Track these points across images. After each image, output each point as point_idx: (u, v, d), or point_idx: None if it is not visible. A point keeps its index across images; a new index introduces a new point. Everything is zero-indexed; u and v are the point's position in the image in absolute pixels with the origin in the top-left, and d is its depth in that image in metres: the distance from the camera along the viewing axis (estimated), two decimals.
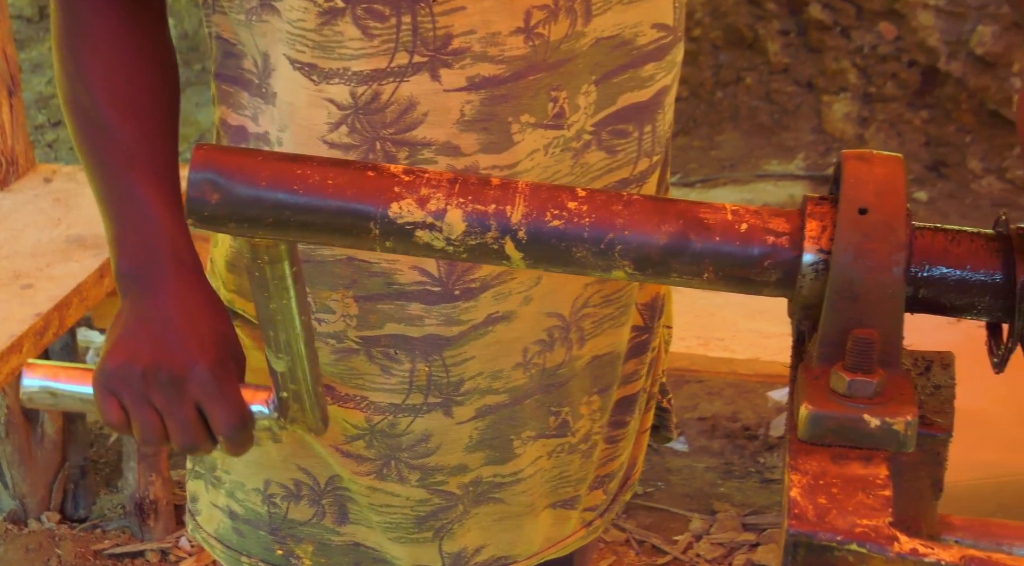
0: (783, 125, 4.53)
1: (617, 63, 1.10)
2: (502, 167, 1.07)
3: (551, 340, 1.16)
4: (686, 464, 3.29)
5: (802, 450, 0.76)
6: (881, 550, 0.69)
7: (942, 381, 0.84)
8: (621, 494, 1.32)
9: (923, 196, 4.40)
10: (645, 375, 1.28)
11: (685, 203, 0.83)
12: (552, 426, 1.20)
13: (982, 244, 0.82)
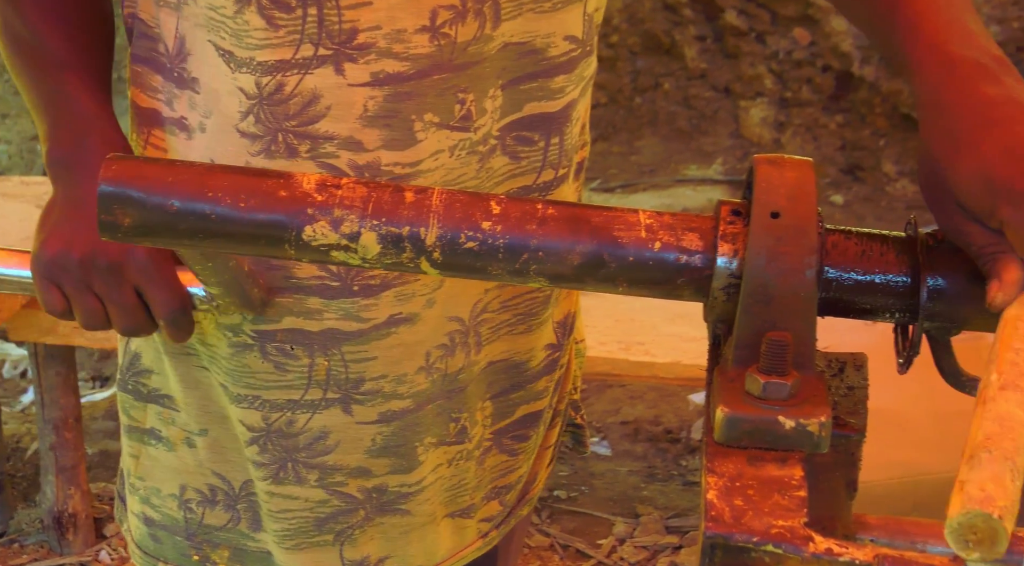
0: (701, 130, 4.56)
1: (526, 71, 1.10)
2: (404, 164, 1.07)
3: (453, 345, 1.16)
4: (609, 468, 3.30)
5: (719, 452, 0.77)
6: (796, 550, 0.70)
7: (855, 382, 0.85)
8: (519, 508, 1.32)
9: (839, 199, 4.45)
10: (552, 392, 1.29)
11: (601, 217, 0.83)
12: (452, 433, 1.20)
13: (891, 247, 0.83)
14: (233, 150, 1.07)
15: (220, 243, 0.84)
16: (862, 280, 0.83)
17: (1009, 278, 0.81)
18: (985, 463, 0.67)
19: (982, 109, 0.85)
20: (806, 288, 0.79)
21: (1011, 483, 0.67)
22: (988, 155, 0.83)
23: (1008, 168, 0.82)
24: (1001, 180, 0.82)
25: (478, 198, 0.85)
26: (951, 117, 0.86)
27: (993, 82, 0.87)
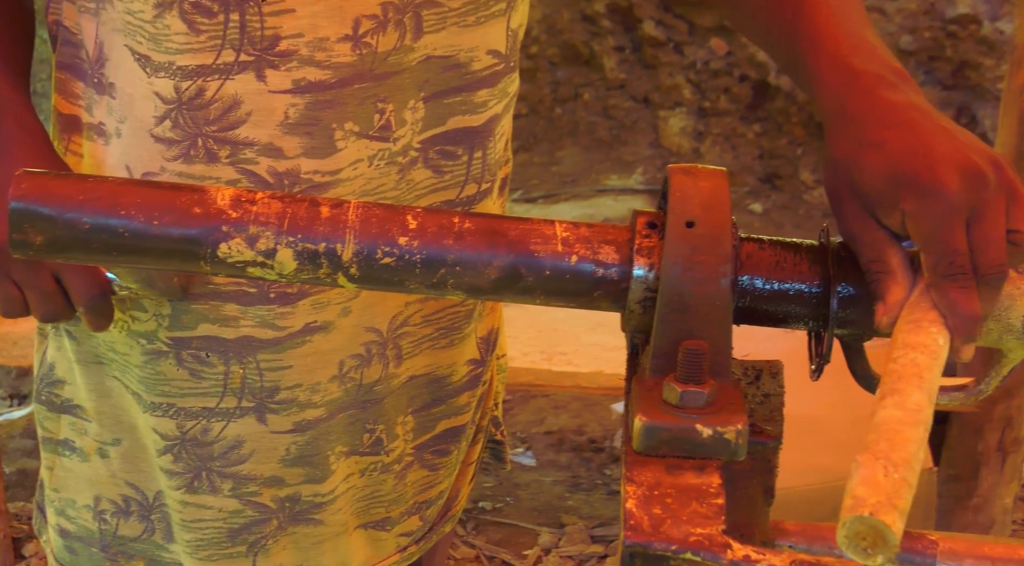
0: (621, 140, 4.59)
1: (449, 84, 1.10)
2: (324, 173, 1.07)
3: (368, 355, 1.16)
4: (534, 478, 3.31)
5: (637, 461, 0.77)
6: (714, 558, 0.70)
7: (771, 389, 0.86)
8: (440, 524, 1.32)
9: (758, 208, 4.49)
10: (474, 408, 1.29)
11: (518, 231, 0.84)
12: (366, 443, 1.20)
13: (803, 257, 0.84)
14: (148, 155, 1.07)
15: (134, 259, 0.83)
16: (776, 289, 0.84)
17: (892, 300, 0.83)
18: (855, 470, 0.69)
19: (885, 113, 0.88)
20: (721, 297, 0.79)
21: (885, 478, 0.67)
22: (893, 152, 0.85)
23: (913, 163, 0.84)
24: (906, 176, 0.84)
25: (395, 212, 0.85)
26: (856, 123, 0.88)
27: (895, 90, 0.89)
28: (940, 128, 0.87)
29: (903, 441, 0.70)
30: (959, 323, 0.82)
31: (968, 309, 0.82)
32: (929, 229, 0.83)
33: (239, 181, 1.06)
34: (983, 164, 0.84)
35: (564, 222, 0.85)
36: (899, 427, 0.71)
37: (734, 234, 0.81)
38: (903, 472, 0.68)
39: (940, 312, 0.81)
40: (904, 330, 0.79)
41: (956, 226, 0.83)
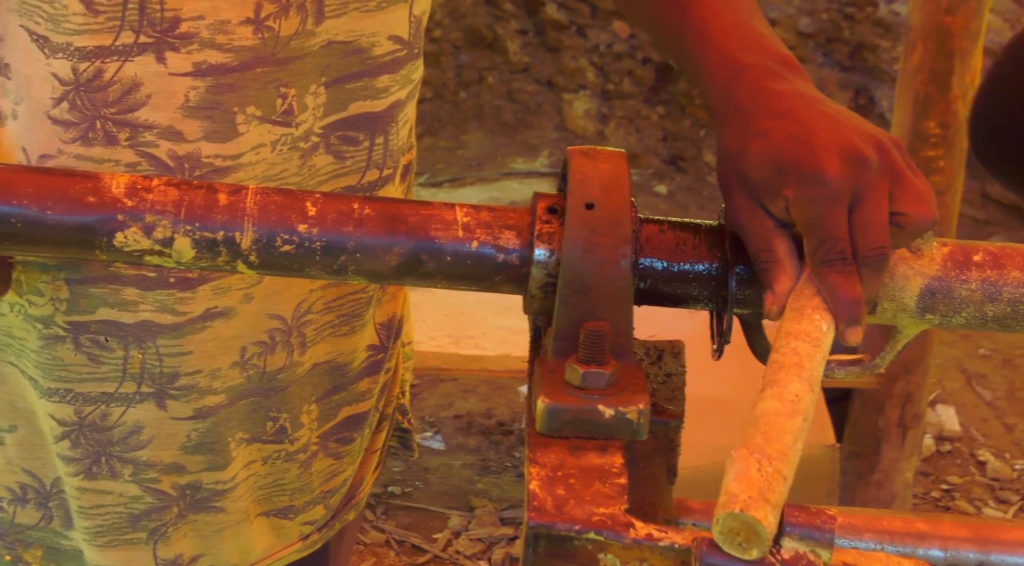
0: (526, 124, 4.59)
1: (351, 70, 1.10)
2: (225, 157, 1.06)
3: (272, 343, 1.15)
4: (443, 462, 3.31)
5: (540, 443, 0.77)
6: (617, 537, 0.71)
7: (673, 369, 0.86)
8: (344, 512, 1.32)
9: (663, 189, 4.51)
10: (377, 395, 1.28)
11: (418, 217, 0.83)
12: (269, 431, 1.20)
13: (703, 237, 0.85)
14: (45, 137, 1.05)
15: (28, 249, 0.82)
16: (675, 270, 0.84)
17: (780, 289, 0.84)
18: (728, 466, 0.70)
19: (770, 103, 0.88)
20: (622, 278, 0.80)
21: (758, 472, 0.68)
22: (777, 141, 0.86)
23: (795, 151, 0.85)
24: (788, 163, 0.85)
25: (294, 198, 0.84)
26: (742, 115, 0.89)
27: (781, 80, 0.90)
28: (824, 114, 0.87)
29: (779, 433, 0.71)
30: (840, 308, 0.83)
31: (848, 293, 0.83)
32: (809, 214, 0.84)
33: (139, 164, 1.05)
34: (865, 148, 0.85)
35: (465, 206, 0.85)
36: (776, 419, 0.72)
37: (634, 215, 0.82)
38: (777, 465, 0.69)
39: (823, 298, 0.82)
40: (788, 318, 0.80)
41: (836, 211, 0.84)
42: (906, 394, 3.01)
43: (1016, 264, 0.84)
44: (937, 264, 0.85)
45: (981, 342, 3.95)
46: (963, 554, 0.90)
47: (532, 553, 0.72)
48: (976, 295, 0.84)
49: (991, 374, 3.82)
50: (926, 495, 3.33)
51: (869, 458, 3.07)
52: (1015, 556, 0.89)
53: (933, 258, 0.85)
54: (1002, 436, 3.58)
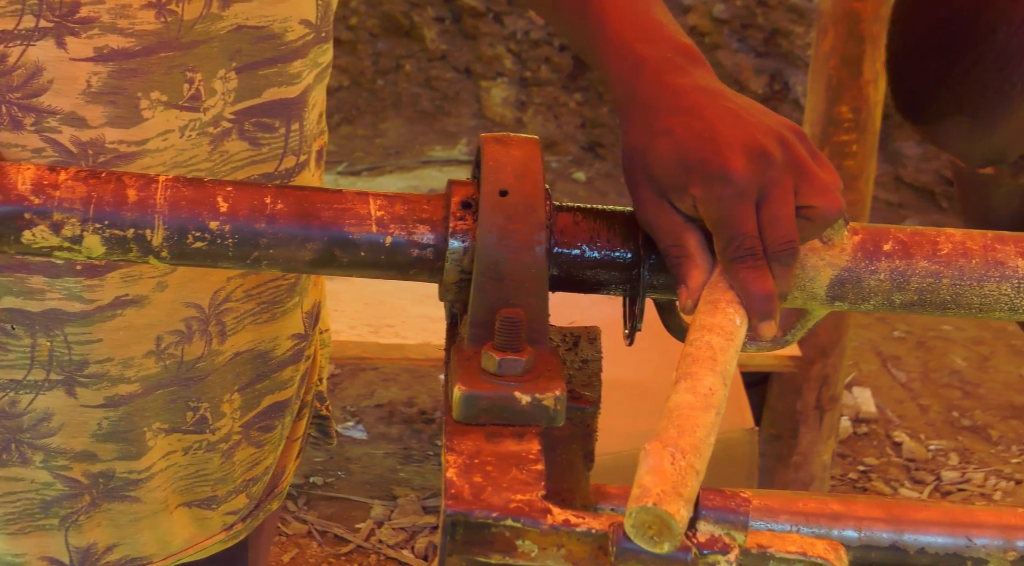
0: (444, 111, 4.59)
1: (264, 55, 1.09)
2: (130, 143, 1.05)
3: (189, 332, 1.14)
4: (365, 452, 3.30)
5: (457, 431, 0.77)
6: (535, 523, 0.71)
7: (589, 355, 0.87)
8: (267, 501, 1.31)
9: (582, 176, 4.53)
10: (299, 382, 1.28)
11: (331, 212, 0.83)
12: (189, 421, 1.19)
13: (616, 223, 0.85)
14: None
15: None
16: (589, 256, 0.85)
17: (694, 283, 0.84)
18: (642, 460, 0.70)
19: (672, 99, 0.88)
20: (537, 265, 0.80)
21: (671, 466, 0.69)
22: (681, 139, 0.86)
23: (700, 149, 0.85)
24: (694, 161, 0.85)
25: (205, 192, 0.83)
26: (645, 111, 0.89)
27: (682, 74, 0.90)
28: (727, 110, 0.88)
29: (692, 427, 0.72)
30: (753, 303, 0.83)
31: (760, 288, 0.83)
32: (717, 212, 0.84)
33: (44, 150, 1.04)
34: (769, 143, 0.86)
35: (380, 198, 0.84)
36: (690, 412, 0.73)
37: (548, 202, 0.82)
38: (690, 459, 0.70)
39: (736, 292, 0.82)
40: (702, 311, 0.81)
41: (743, 208, 0.84)
42: (823, 377, 3.04)
43: (924, 254, 0.85)
44: (847, 254, 0.85)
45: (896, 325, 4.01)
46: (877, 534, 0.91)
47: (450, 541, 0.72)
48: (884, 285, 0.85)
49: (906, 356, 3.87)
50: (844, 476, 3.37)
51: (787, 441, 3.10)
52: (927, 535, 0.90)
53: (844, 248, 0.85)
54: (917, 417, 3.63)
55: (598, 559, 0.71)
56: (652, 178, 0.86)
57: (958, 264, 0.84)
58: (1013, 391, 3.76)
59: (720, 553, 0.69)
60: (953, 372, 3.82)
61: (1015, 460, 3.49)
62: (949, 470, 3.42)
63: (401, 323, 2.95)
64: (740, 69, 4.25)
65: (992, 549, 0.90)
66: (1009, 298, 0.84)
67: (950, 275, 0.84)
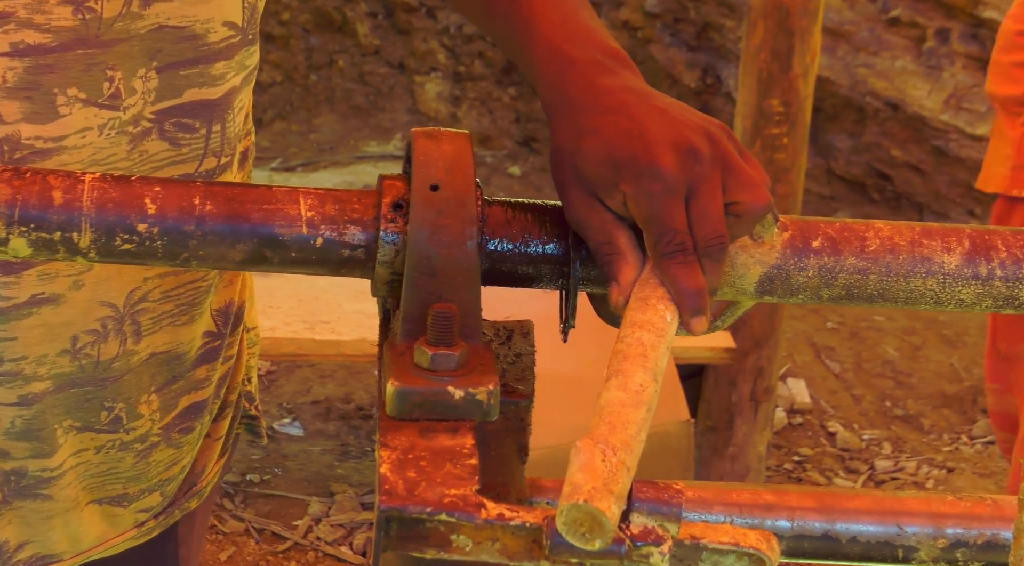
0: (379, 107, 4.58)
1: (186, 56, 1.08)
2: (46, 139, 1.04)
3: (105, 331, 1.13)
4: (302, 449, 3.29)
5: (391, 426, 0.77)
6: (469, 518, 0.71)
7: (522, 349, 0.87)
8: (184, 499, 1.30)
9: (516, 171, 4.53)
10: (216, 382, 1.27)
11: (260, 213, 0.83)
12: (103, 421, 1.18)
13: (548, 217, 0.85)
14: None
15: None
16: (521, 250, 0.85)
17: (624, 280, 0.85)
18: (573, 457, 0.70)
19: (600, 99, 0.89)
20: (468, 259, 0.80)
21: (601, 463, 0.69)
22: (610, 137, 0.86)
23: (629, 146, 0.85)
24: (623, 158, 0.85)
25: (132, 194, 0.83)
26: (574, 112, 0.89)
27: (610, 75, 0.90)
28: (654, 108, 0.88)
29: (623, 424, 0.72)
30: (684, 299, 0.84)
31: (691, 284, 0.84)
32: (647, 209, 0.85)
33: None
34: (697, 140, 0.86)
35: (310, 196, 0.84)
36: (621, 409, 0.73)
37: (479, 196, 0.82)
38: (621, 456, 0.70)
39: (667, 289, 0.83)
40: (633, 307, 0.81)
41: (673, 204, 0.85)
42: (757, 369, 3.07)
43: (852, 250, 0.85)
44: (776, 252, 0.86)
45: (829, 316, 4.04)
46: (809, 524, 0.91)
47: (384, 536, 0.72)
48: (813, 281, 0.86)
49: (839, 347, 3.91)
50: (779, 467, 3.40)
51: (723, 432, 3.13)
52: (858, 524, 0.91)
53: (773, 245, 0.86)
54: (850, 407, 3.67)
55: (532, 553, 0.71)
56: (581, 177, 0.87)
57: (885, 260, 0.85)
58: (944, 380, 3.81)
59: (653, 545, 0.69)
60: (885, 362, 3.87)
61: (947, 448, 3.53)
62: (882, 459, 3.46)
63: (337, 319, 2.94)
64: (673, 63, 4.27)
65: (922, 537, 0.91)
66: (934, 292, 0.85)
67: (877, 271, 0.85)
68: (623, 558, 0.69)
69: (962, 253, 0.84)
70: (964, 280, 0.84)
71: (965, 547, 0.91)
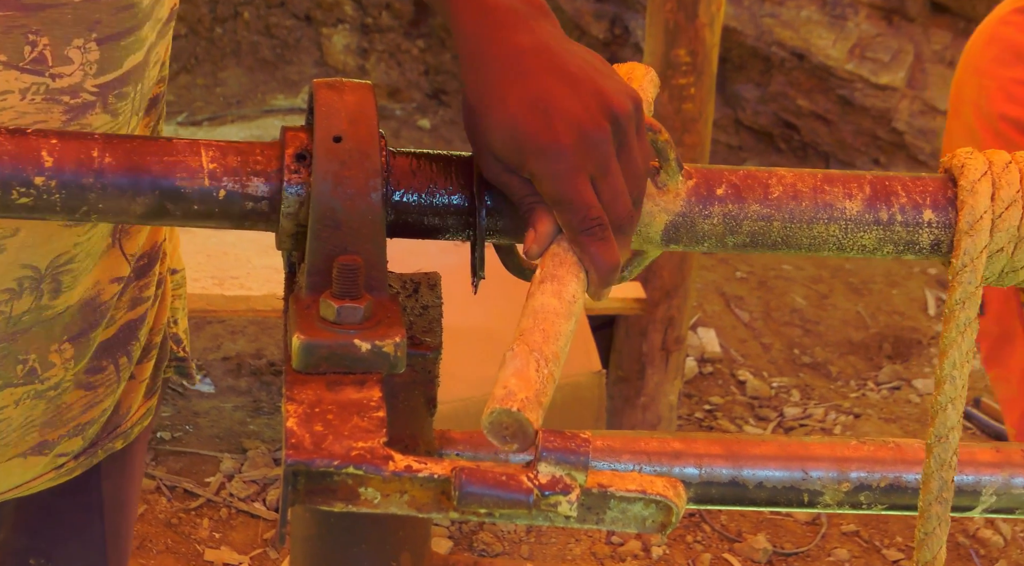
0: (286, 59, 4.53)
1: (125, 26, 1.07)
2: None
3: (20, 289, 1.12)
4: (213, 405, 3.27)
5: (297, 380, 0.77)
6: (376, 470, 0.70)
7: (430, 301, 0.86)
8: (107, 440, 1.30)
9: (426, 124, 4.51)
10: (125, 323, 1.26)
11: (161, 166, 0.82)
12: (20, 374, 1.17)
13: (453, 169, 0.85)
14: None
15: None
16: (427, 201, 0.84)
17: (543, 230, 0.84)
18: (509, 360, 0.71)
19: (512, 59, 0.88)
20: (373, 211, 0.79)
21: (535, 373, 0.70)
22: (514, 109, 0.86)
23: (532, 122, 0.85)
24: (526, 134, 0.85)
25: (28, 145, 0.81)
26: (485, 68, 0.88)
27: (526, 30, 0.89)
28: (566, 75, 0.87)
29: (555, 334, 0.72)
30: (603, 274, 0.84)
31: (610, 259, 0.84)
32: (555, 189, 0.85)
33: None
34: (600, 116, 0.86)
35: (212, 148, 0.83)
36: (555, 318, 0.73)
37: (383, 147, 0.81)
38: (552, 368, 0.71)
39: None
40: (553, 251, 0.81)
41: (581, 183, 0.85)
42: (668, 319, 3.09)
43: (756, 197, 0.86)
44: (681, 199, 0.86)
45: (738, 266, 4.08)
46: (717, 470, 0.93)
47: (292, 491, 0.71)
48: (718, 228, 0.86)
49: (748, 296, 3.95)
50: (690, 416, 3.43)
51: (634, 382, 3.15)
52: (765, 470, 0.92)
53: (678, 193, 0.86)
54: (760, 356, 3.71)
55: (441, 504, 0.71)
56: (491, 149, 0.86)
57: (788, 207, 0.85)
58: (851, 328, 3.86)
59: (562, 494, 0.69)
60: (794, 311, 3.91)
61: (853, 395, 3.59)
62: (791, 406, 3.50)
63: (246, 275, 2.91)
64: (580, 14, 4.26)
65: (827, 481, 0.92)
66: (837, 238, 0.86)
67: (781, 218, 0.85)
68: (531, 508, 0.69)
69: (863, 199, 0.85)
70: (865, 225, 0.85)
71: (868, 490, 0.92)
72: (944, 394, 0.83)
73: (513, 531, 2.94)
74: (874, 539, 3.06)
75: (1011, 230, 0.83)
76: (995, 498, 0.93)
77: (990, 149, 0.85)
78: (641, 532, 0.71)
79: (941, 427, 0.83)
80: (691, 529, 3.04)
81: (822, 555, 3.01)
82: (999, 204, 0.83)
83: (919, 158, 4.31)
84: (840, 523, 3.09)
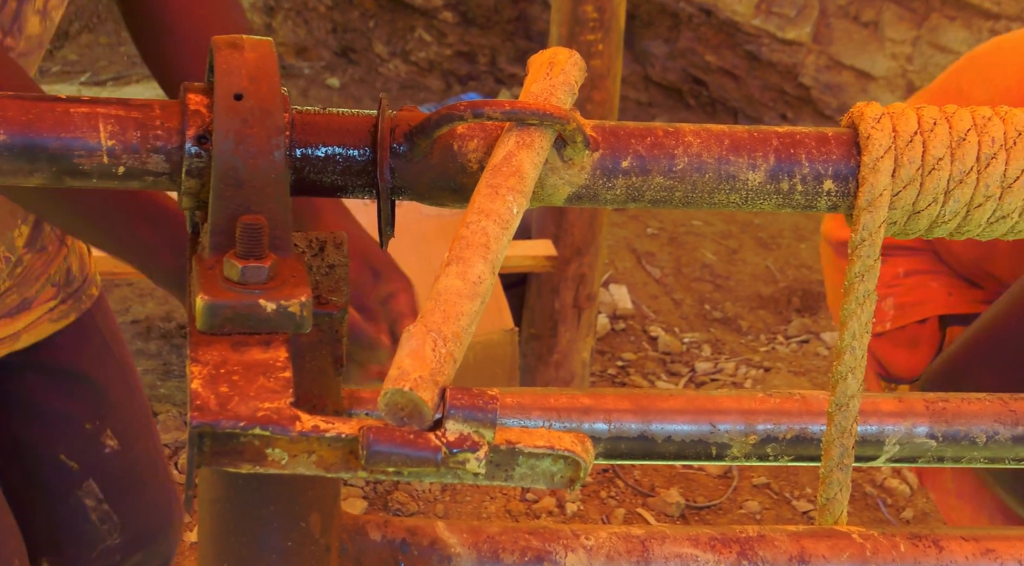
0: None
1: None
2: None
3: None
4: None
5: (202, 341, 0.76)
6: (283, 431, 0.70)
7: (336, 260, 0.86)
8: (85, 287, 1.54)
9: (335, 82, 4.47)
10: None
11: (59, 144, 0.79)
12: None
13: (357, 125, 0.84)
14: None
15: None
16: (330, 159, 0.83)
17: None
18: (405, 341, 0.70)
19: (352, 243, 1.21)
20: (276, 169, 0.78)
21: (431, 352, 0.69)
22: None
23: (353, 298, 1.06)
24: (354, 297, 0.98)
25: None
26: None
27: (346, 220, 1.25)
28: None
29: (457, 314, 0.72)
30: None
31: None
32: None
33: None
34: None
35: (110, 121, 0.80)
36: (457, 299, 0.73)
37: (285, 105, 0.80)
38: (451, 347, 0.70)
39: (518, 180, 0.82)
40: (481, 194, 0.80)
41: None
42: (579, 276, 3.10)
43: (661, 169, 0.85)
44: (586, 173, 0.86)
45: (649, 222, 4.10)
46: (625, 425, 0.93)
47: (197, 453, 0.71)
48: (620, 197, 0.86)
49: (659, 252, 3.97)
50: (603, 373, 3.45)
51: (547, 340, 3.16)
52: (673, 424, 0.93)
53: (583, 167, 0.86)
54: (671, 311, 3.73)
55: (349, 463, 0.70)
56: None
57: (692, 179, 0.85)
58: (760, 282, 3.90)
59: (469, 451, 0.69)
60: (704, 266, 3.94)
61: (763, 349, 3.63)
62: (702, 361, 3.54)
63: None
64: None
65: (734, 433, 0.93)
66: (737, 204, 0.87)
67: (683, 189, 0.85)
68: (440, 465, 0.69)
69: (767, 170, 0.85)
70: (766, 195, 0.85)
71: (775, 442, 0.93)
72: (844, 364, 0.83)
73: (428, 490, 2.95)
74: (784, 491, 3.10)
75: (906, 207, 0.84)
76: (898, 447, 0.94)
77: (901, 111, 0.85)
78: (550, 487, 0.71)
79: (842, 396, 0.84)
80: (604, 484, 3.06)
81: (734, 508, 3.05)
82: (898, 182, 0.84)
83: (825, 113, 4.35)
84: (751, 476, 3.12)
